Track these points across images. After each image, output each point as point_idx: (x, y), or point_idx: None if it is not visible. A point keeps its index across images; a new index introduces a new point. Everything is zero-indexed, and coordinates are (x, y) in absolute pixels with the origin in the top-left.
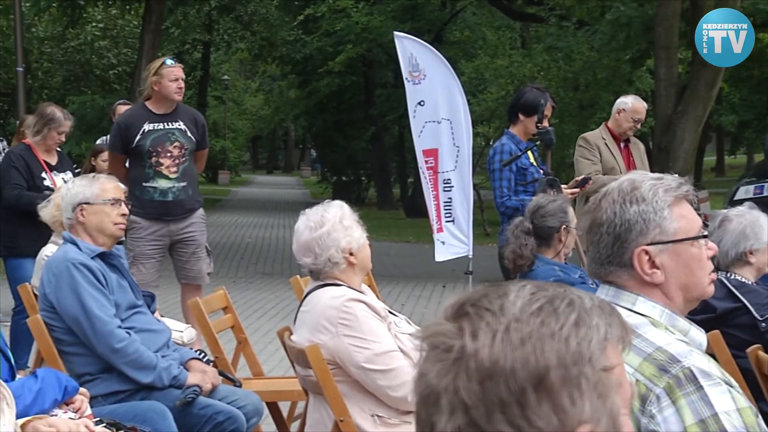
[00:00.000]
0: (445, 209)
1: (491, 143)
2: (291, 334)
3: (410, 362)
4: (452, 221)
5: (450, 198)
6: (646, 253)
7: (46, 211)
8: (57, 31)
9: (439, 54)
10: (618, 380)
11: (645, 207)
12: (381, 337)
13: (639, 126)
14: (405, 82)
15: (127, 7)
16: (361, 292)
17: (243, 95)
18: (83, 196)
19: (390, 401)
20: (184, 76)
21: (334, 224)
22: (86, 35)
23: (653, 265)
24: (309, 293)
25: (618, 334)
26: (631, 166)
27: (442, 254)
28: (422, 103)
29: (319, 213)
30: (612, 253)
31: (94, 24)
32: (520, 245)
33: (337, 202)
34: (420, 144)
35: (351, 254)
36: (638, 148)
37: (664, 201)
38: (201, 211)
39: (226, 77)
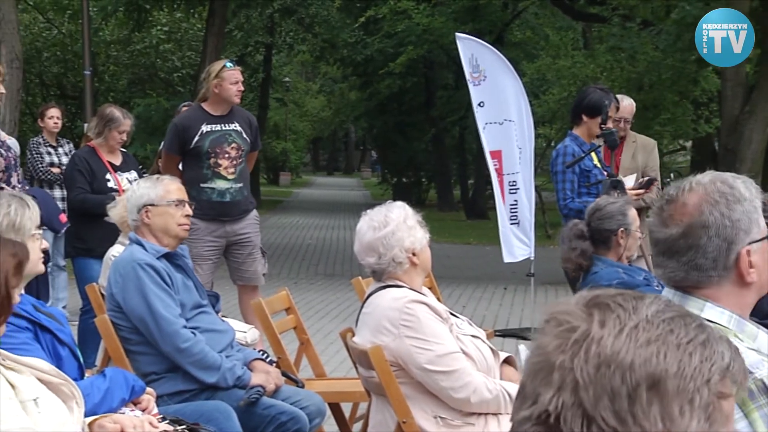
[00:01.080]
0: (511, 211)
1: (552, 145)
2: (353, 335)
3: (472, 364)
4: (517, 224)
5: (516, 200)
6: (748, 252)
7: (115, 212)
8: (123, 35)
9: (500, 55)
10: (729, 413)
11: (747, 206)
12: (443, 339)
13: (619, 125)
14: (468, 83)
15: (192, 10)
16: (422, 293)
17: (304, 97)
18: (148, 198)
19: (452, 403)
20: (242, 79)
21: (398, 224)
22: (151, 39)
23: (750, 264)
24: (371, 295)
25: (738, 374)
26: (616, 166)
27: (511, 256)
28: (482, 104)
29: (382, 213)
30: (719, 256)
31: (159, 27)
32: (571, 248)
33: (399, 203)
34: (485, 146)
35: (414, 254)
36: (635, 148)
37: (757, 197)
38: (255, 212)
39: (287, 79)
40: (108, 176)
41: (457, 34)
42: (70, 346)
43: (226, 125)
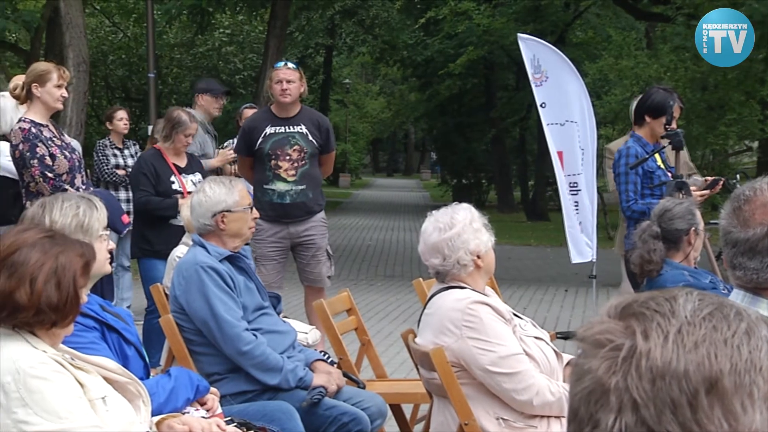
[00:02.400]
0: (573, 213)
1: None
2: (415, 336)
3: (535, 366)
4: (579, 225)
5: (577, 202)
6: None
7: (185, 212)
8: (186, 38)
9: (563, 55)
10: None
11: None
12: (506, 340)
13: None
14: (531, 84)
15: (254, 13)
16: (485, 295)
17: (364, 98)
18: (225, 204)
19: (515, 404)
20: (291, 78)
21: (464, 226)
22: (214, 41)
23: None
24: (433, 296)
25: None
26: None
27: (580, 256)
28: (543, 105)
29: (448, 214)
30: None
31: (221, 30)
32: (648, 250)
33: (465, 205)
34: (552, 146)
35: (478, 257)
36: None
37: None
38: (322, 214)
39: (347, 81)
40: (173, 178)
41: (519, 34)
42: (136, 345)
43: (291, 127)
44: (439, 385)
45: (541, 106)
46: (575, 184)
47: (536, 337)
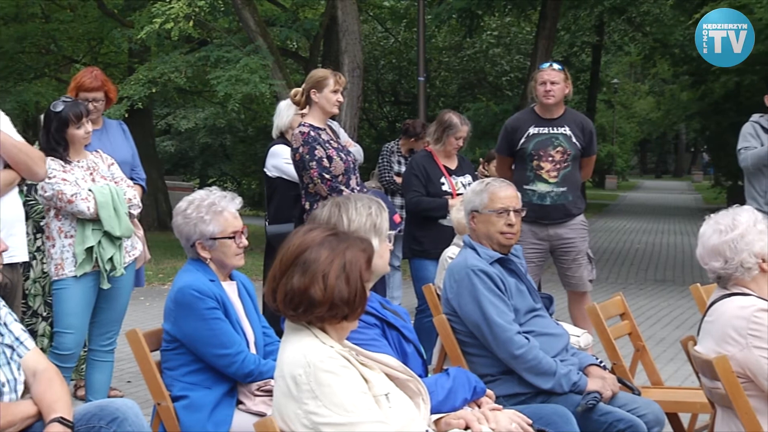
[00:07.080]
0: None
1: None
2: (695, 343)
3: None
4: None
5: None
6: None
7: (453, 214)
8: (455, 41)
9: None
10: None
11: None
12: None
13: None
14: None
15: (522, 14)
16: None
17: (631, 98)
18: (473, 205)
19: None
20: (555, 80)
21: (748, 227)
22: (481, 44)
23: None
24: (714, 302)
25: None
26: None
27: None
28: None
29: (729, 216)
30: None
31: (488, 32)
32: None
33: (748, 207)
34: None
35: (764, 260)
36: None
37: None
38: (582, 217)
39: (615, 81)
40: (443, 180)
41: None
42: (414, 343)
43: (555, 129)
44: (723, 396)
45: None
46: None
47: None
